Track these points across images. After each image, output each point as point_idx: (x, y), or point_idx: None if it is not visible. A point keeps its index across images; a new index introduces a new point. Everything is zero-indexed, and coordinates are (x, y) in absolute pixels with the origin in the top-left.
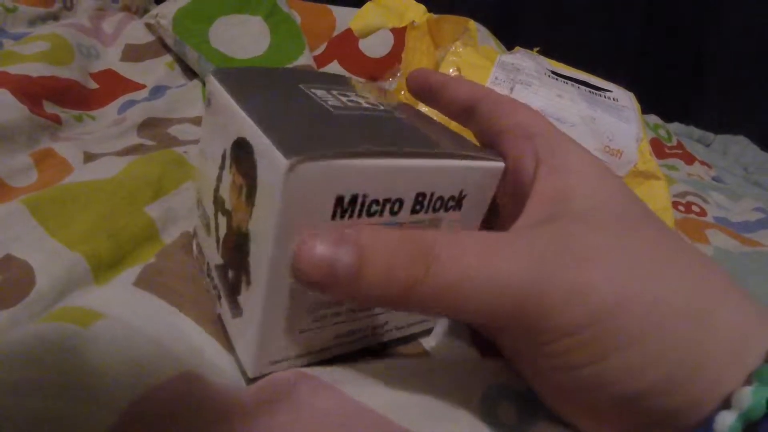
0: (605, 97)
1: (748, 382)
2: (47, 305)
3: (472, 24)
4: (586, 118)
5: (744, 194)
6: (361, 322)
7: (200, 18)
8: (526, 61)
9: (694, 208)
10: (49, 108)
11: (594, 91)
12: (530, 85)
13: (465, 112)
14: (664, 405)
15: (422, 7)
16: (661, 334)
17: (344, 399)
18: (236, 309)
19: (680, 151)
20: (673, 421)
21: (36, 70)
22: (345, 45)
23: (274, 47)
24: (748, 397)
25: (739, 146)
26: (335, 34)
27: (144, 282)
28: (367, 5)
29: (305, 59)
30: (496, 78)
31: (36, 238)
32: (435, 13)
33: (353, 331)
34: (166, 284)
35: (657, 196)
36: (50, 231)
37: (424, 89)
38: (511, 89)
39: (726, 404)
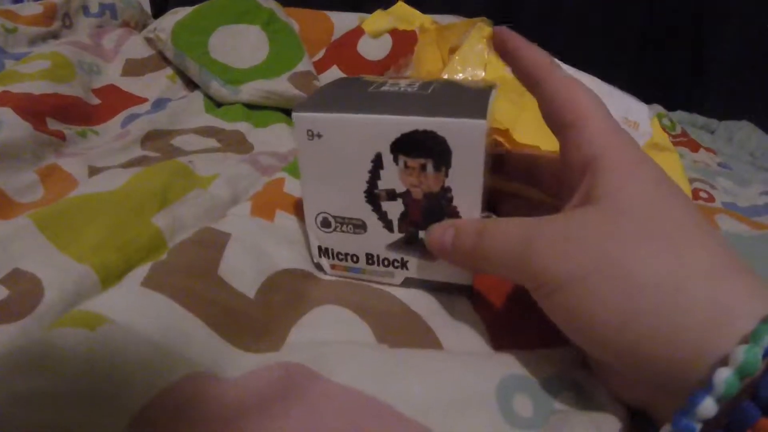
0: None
1: (745, 341)
2: (57, 317)
3: (485, 18)
4: (603, 92)
5: (751, 179)
6: None
7: (199, 30)
8: None
9: (702, 194)
10: (53, 125)
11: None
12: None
13: (528, 83)
14: (655, 362)
15: (429, 18)
16: (634, 300)
17: (358, 396)
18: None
19: (685, 139)
20: (673, 382)
21: (38, 88)
22: (344, 49)
23: (273, 55)
24: (741, 354)
25: (744, 132)
26: (333, 39)
27: (152, 282)
28: (379, 11)
29: (304, 65)
30: None
31: (43, 252)
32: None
33: None
34: (175, 283)
35: (672, 167)
36: (57, 244)
37: (501, 48)
38: None
39: (725, 362)
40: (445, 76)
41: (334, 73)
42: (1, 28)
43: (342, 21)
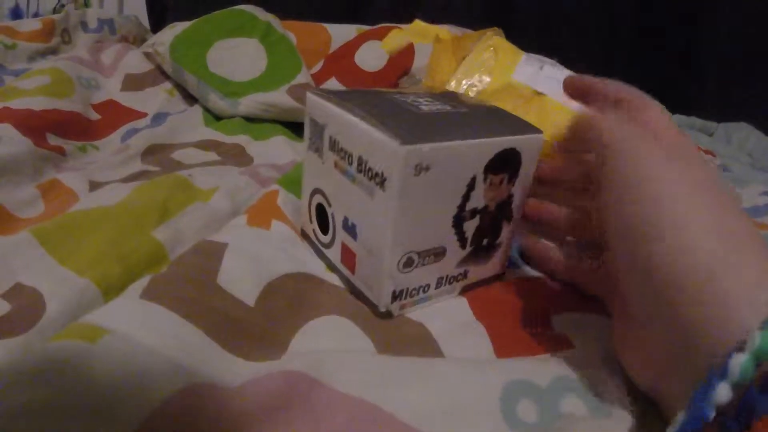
0: None
1: (761, 327)
2: (58, 331)
3: (496, 29)
4: None
5: (751, 180)
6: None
7: (197, 44)
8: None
9: None
10: (53, 140)
11: None
12: (555, 65)
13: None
14: (682, 316)
15: (445, 29)
16: (694, 234)
17: (361, 405)
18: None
19: None
20: (698, 348)
21: (38, 103)
22: (341, 61)
23: (271, 67)
24: (758, 338)
25: (743, 133)
26: (331, 50)
27: (151, 293)
28: (396, 30)
29: (303, 77)
30: (527, 58)
31: (44, 266)
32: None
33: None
34: (174, 294)
35: None
36: (58, 258)
37: (579, 93)
38: (541, 67)
39: (742, 348)
40: (453, 83)
41: (332, 85)
42: (1, 44)
43: (339, 33)
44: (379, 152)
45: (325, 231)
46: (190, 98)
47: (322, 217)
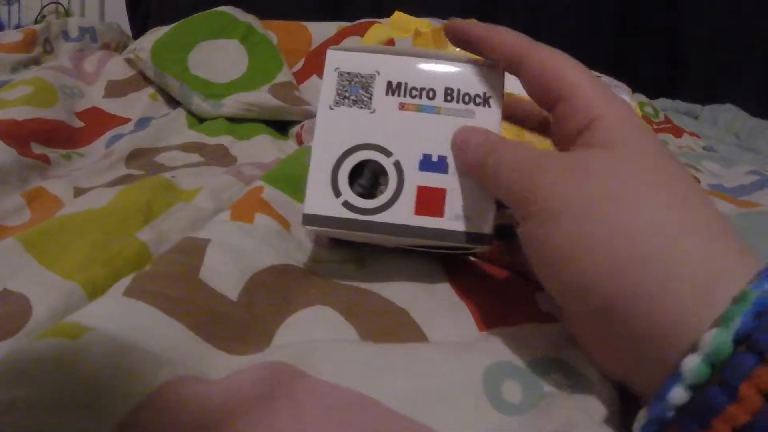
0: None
1: (716, 324)
2: None
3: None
4: None
5: (737, 160)
6: None
7: (178, 47)
8: None
9: None
10: (37, 149)
11: None
12: None
13: (510, 68)
14: (637, 320)
15: (425, 21)
16: (632, 242)
17: (345, 392)
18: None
19: (669, 126)
20: (652, 349)
21: (21, 113)
22: (323, 58)
23: (252, 68)
24: (709, 340)
25: (728, 114)
26: (312, 48)
27: (134, 291)
28: (376, 25)
29: (284, 76)
30: None
31: (31, 271)
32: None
33: None
34: (157, 290)
35: None
36: (44, 263)
37: (463, 41)
38: None
39: (695, 347)
40: None
41: (314, 82)
42: None
43: (320, 30)
44: (473, 78)
45: (370, 194)
46: (174, 102)
47: (370, 180)
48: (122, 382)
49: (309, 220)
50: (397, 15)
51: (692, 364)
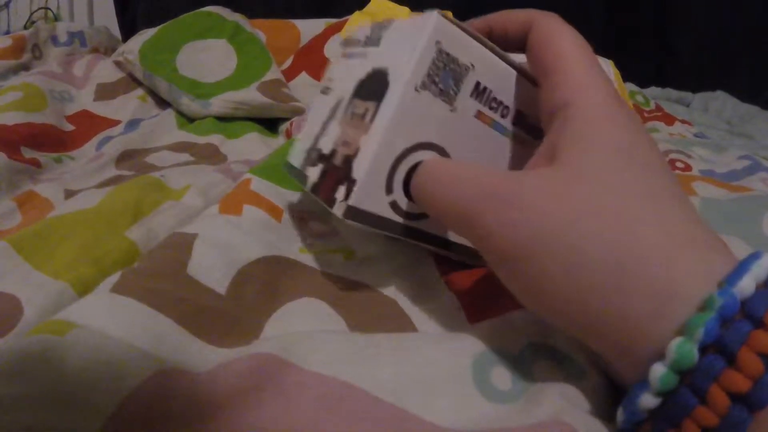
0: None
1: (680, 332)
2: None
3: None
4: None
5: (728, 146)
6: None
7: (166, 49)
8: None
9: (678, 164)
10: (28, 153)
11: None
12: None
13: (520, 46)
14: (608, 338)
15: (406, 9)
16: (579, 278)
17: (332, 382)
18: None
19: (659, 113)
20: (628, 357)
21: (11, 118)
22: (311, 54)
23: (241, 67)
24: (674, 349)
25: (719, 101)
26: (301, 45)
27: (122, 287)
28: (356, 13)
29: (273, 74)
30: None
31: (21, 272)
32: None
33: None
34: (145, 286)
35: None
36: (34, 264)
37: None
38: None
39: (662, 356)
40: None
41: (303, 79)
42: None
43: (308, 28)
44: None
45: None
46: (163, 103)
47: None
48: (109, 377)
49: (351, 213)
50: (375, 1)
51: (659, 372)
